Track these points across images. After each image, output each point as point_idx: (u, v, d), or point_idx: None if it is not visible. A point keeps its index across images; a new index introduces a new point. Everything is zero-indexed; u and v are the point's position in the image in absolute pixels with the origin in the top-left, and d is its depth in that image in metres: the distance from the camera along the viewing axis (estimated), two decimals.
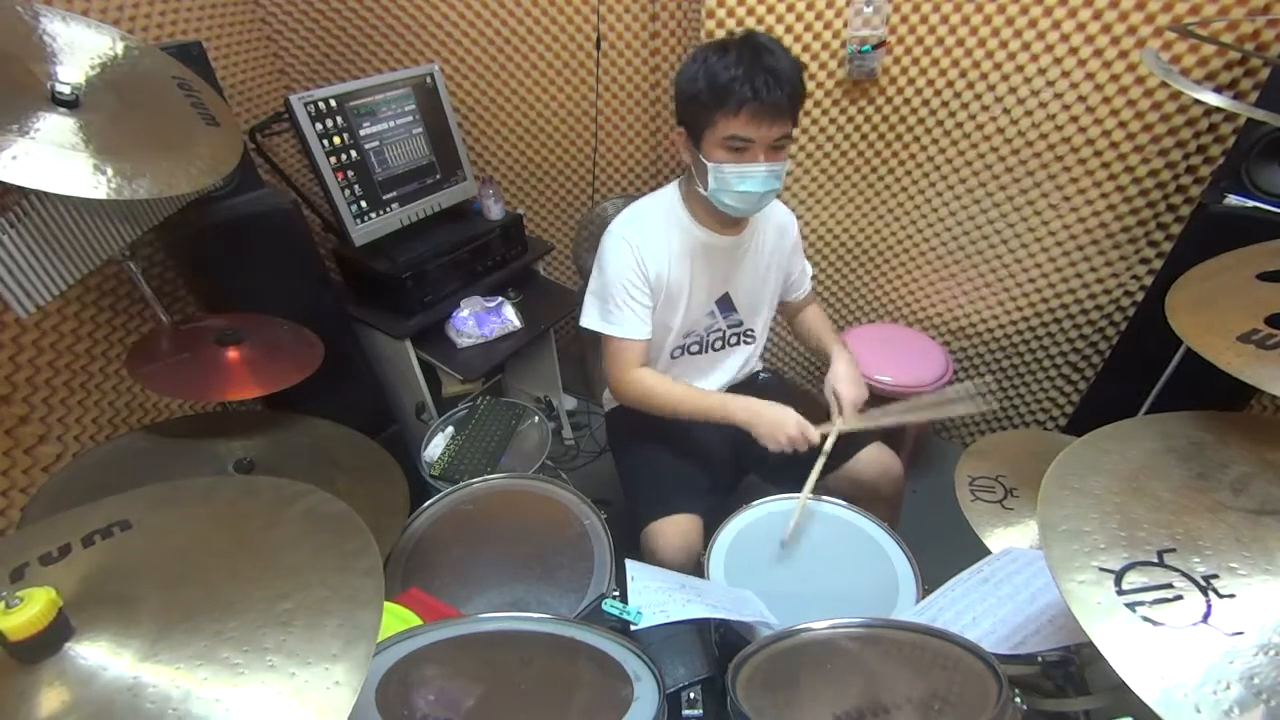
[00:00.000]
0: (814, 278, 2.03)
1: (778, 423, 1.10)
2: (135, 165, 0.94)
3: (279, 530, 0.68)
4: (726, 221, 1.19)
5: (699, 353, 1.33)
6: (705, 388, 1.36)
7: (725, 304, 1.29)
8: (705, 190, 1.09)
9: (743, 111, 0.99)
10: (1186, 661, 0.52)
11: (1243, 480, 0.68)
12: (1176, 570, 0.59)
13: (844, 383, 1.21)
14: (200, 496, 0.75)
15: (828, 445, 1.14)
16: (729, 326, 1.33)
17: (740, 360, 1.40)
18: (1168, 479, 0.70)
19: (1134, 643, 0.54)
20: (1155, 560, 0.60)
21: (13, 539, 0.74)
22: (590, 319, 1.22)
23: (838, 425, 1.14)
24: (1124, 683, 0.52)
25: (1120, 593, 0.58)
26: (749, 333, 1.36)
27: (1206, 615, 0.55)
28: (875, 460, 1.26)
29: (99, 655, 0.52)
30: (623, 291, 1.16)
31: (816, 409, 1.38)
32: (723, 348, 1.35)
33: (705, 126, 1.05)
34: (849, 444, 1.25)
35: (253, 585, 0.60)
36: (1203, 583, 0.57)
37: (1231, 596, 0.56)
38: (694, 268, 1.20)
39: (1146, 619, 0.55)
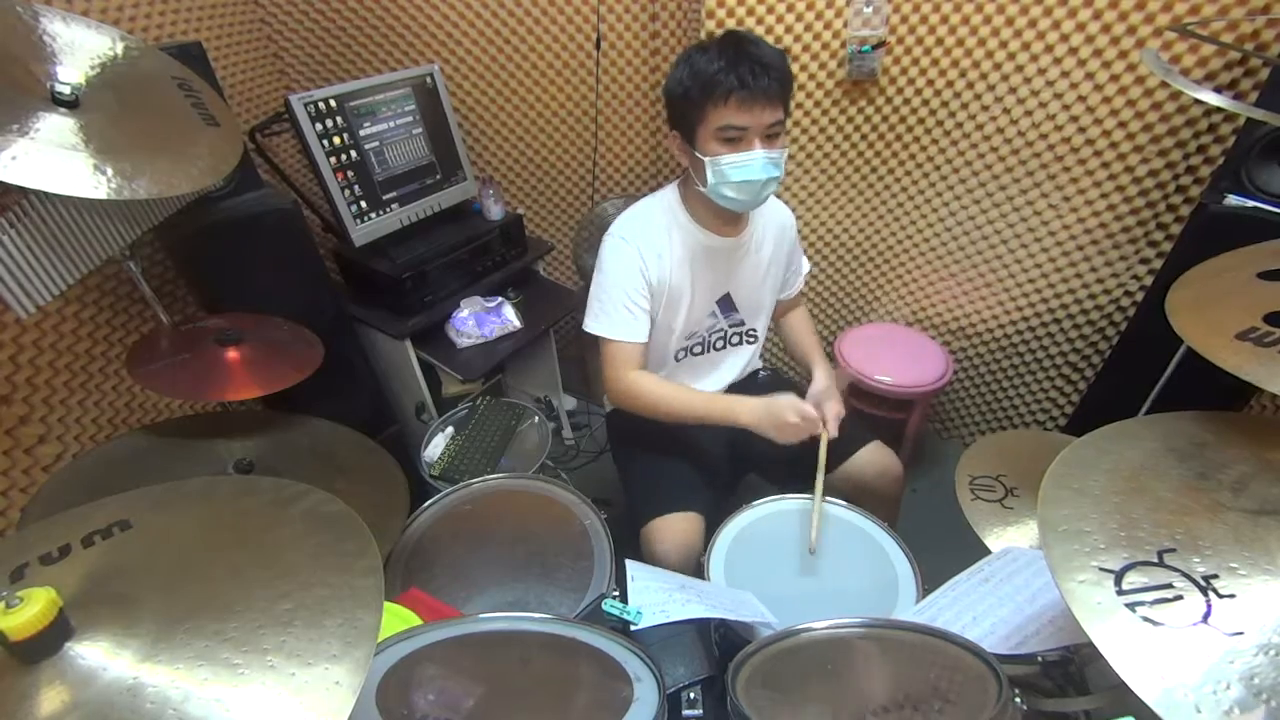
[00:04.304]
0: (815, 277, 2.06)
1: (779, 418, 1.09)
2: (135, 165, 0.94)
3: (279, 530, 0.68)
4: (727, 221, 1.19)
5: (701, 353, 1.33)
6: (707, 388, 1.36)
7: (726, 304, 1.29)
8: (704, 187, 1.09)
9: (731, 100, 1.00)
10: (1187, 662, 0.52)
11: (1243, 480, 0.68)
12: (1176, 570, 0.59)
13: (827, 398, 1.23)
14: (200, 496, 0.75)
15: (821, 456, 1.15)
16: (730, 326, 1.32)
17: (743, 360, 1.40)
18: (1167, 479, 0.70)
19: (1134, 643, 0.54)
20: (1155, 560, 0.60)
21: (13, 539, 0.74)
22: (590, 322, 1.21)
23: (825, 437, 1.16)
24: (1124, 683, 0.52)
25: (1120, 593, 0.58)
26: (751, 332, 1.36)
27: (1206, 615, 0.55)
28: (875, 460, 1.26)
29: (99, 655, 0.52)
30: (621, 294, 1.16)
31: None
32: (724, 347, 1.35)
33: (697, 122, 1.05)
34: (845, 444, 1.25)
35: (253, 585, 0.60)
36: (1203, 583, 0.57)
37: (1231, 596, 0.56)
38: (695, 269, 1.20)
39: (1146, 619, 0.55)
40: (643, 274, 1.15)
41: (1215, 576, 0.58)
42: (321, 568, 0.62)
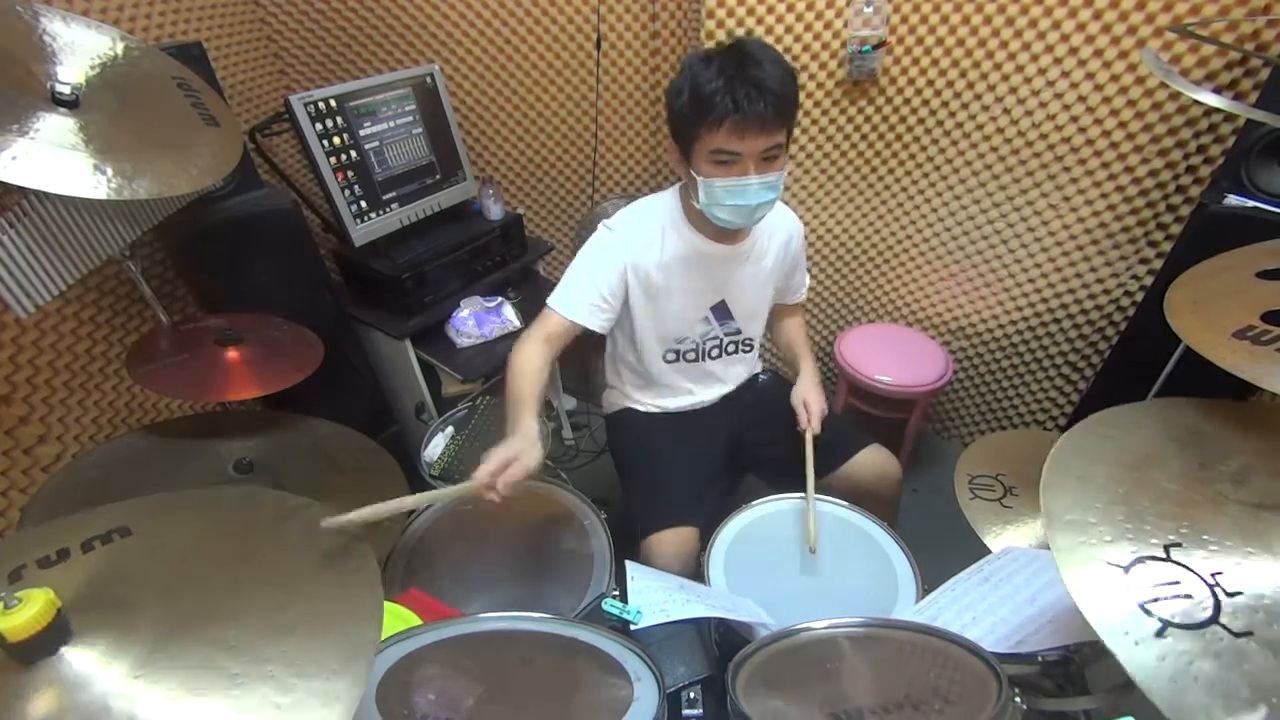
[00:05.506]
0: (815, 277, 2.06)
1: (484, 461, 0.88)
2: (135, 165, 0.94)
3: (280, 542, 0.68)
4: (725, 231, 1.18)
5: (695, 360, 1.32)
6: (706, 397, 1.37)
7: (721, 311, 1.27)
8: (698, 204, 1.08)
9: (725, 124, 0.97)
10: (1198, 663, 0.52)
11: (1243, 472, 0.68)
12: (1183, 566, 0.58)
13: (811, 391, 1.27)
14: (202, 506, 0.75)
15: (807, 452, 1.17)
16: (726, 335, 1.31)
17: (742, 369, 1.40)
18: (1169, 468, 0.70)
19: (1144, 643, 0.54)
20: (1163, 555, 0.60)
21: (11, 541, 0.74)
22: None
23: (809, 434, 1.20)
24: (1126, 682, 0.52)
25: (1129, 589, 0.57)
26: (748, 341, 1.35)
27: (1215, 615, 0.55)
28: (873, 462, 1.26)
29: (95, 661, 0.51)
30: (580, 272, 1.15)
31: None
32: (720, 356, 1.34)
33: (692, 140, 1.03)
34: (843, 447, 1.25)
35: (253, 595, 0.60)
36: (1210, 580, 0.57)
37: (1239, 594, 0.56)
38: (687, 272, 1.19)
39: (1157, 618, 0.55)
40: (615, 263, 1.14)
41: (1221, 573, 0.57)
42: (321, 581, 0.62)
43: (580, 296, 1.15)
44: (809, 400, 1.24)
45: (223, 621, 0.56)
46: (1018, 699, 0.72)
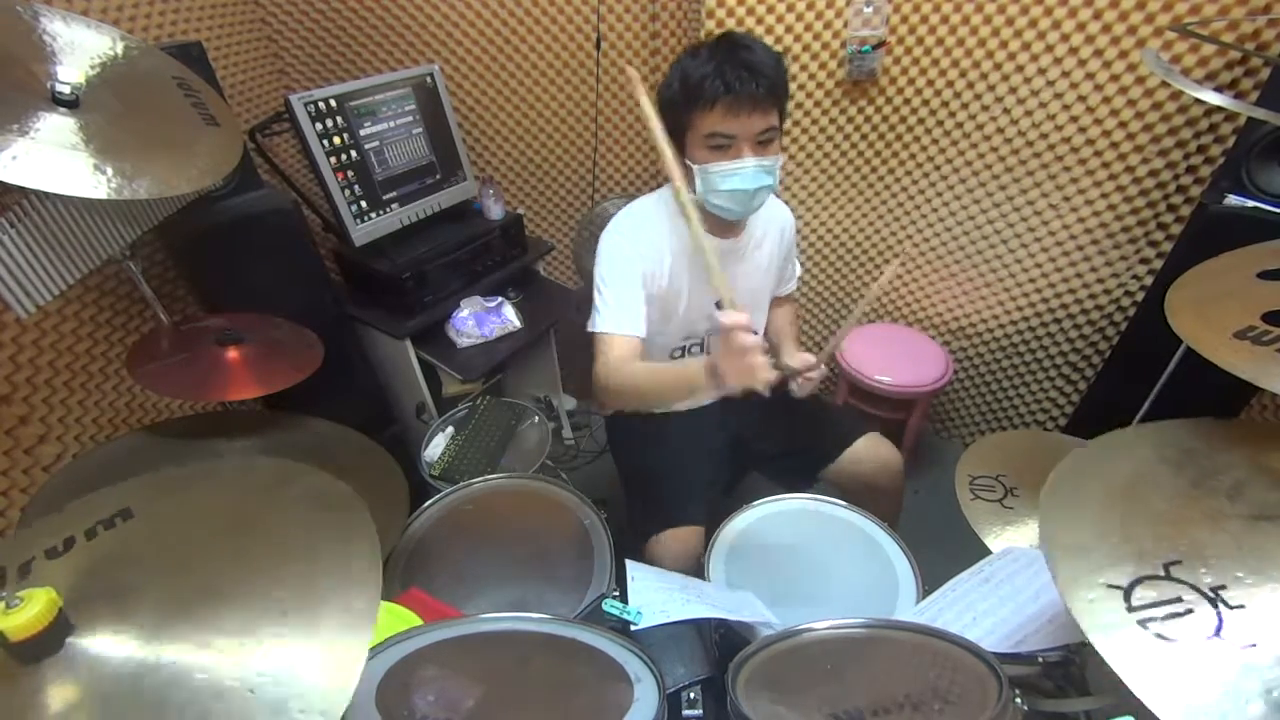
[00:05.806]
0: (815, 277, 2.06)
1: (743, 369, 0.87)
2: (135, 165, 0.93)
3: (279, 509, 0.69)
4: (723, 225, 1.17)
5: (700, 354, 1.33)
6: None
7: None
8: (695, 195, 1.07)
9: (717, 106, 0.97)
10: (1205, 678, 0.51)
11: (1238, 486, 0.68)
12: (1184, 583, 0.58)
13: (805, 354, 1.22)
14: (202, 480, 0.76)
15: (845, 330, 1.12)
16: None
17: None
18: (1163, 489, 0.70)
19: (1150, 661, 0.53)
20: (1162, 574, 0.59)
21: (18, 534, 0.74)
22: (593, 321, 1.16)
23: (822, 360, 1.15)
24: (1125, 685, 0.52)
25: (1131, 609, 0.57)
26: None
27: (1219, 629, 0.54)
28: (873, 453, 1.25)
29: (101, 646, 0.52)
30: (618, 288, 1.13)
31: (818, 406, 1.38)
32: None
33: (685, 129, 1.03)
34: (842, 434, 1.25)
35: (255, 561, 0.61)
36: (1211, 594, 0.57)
37: (1241, 607, 0.55)
38: (691, 269, 1.19)
39: (1160, 635, 0.55)
40: (635, 268, 1.13)
41: (1223, 587, 0.57)
42: (321, 541, 0.64)
43: (633, 311, 1.10)
44: (802, 356, 1.21)
45: (225, 590, 0.57)
46: (1018, 700, 0.72)
